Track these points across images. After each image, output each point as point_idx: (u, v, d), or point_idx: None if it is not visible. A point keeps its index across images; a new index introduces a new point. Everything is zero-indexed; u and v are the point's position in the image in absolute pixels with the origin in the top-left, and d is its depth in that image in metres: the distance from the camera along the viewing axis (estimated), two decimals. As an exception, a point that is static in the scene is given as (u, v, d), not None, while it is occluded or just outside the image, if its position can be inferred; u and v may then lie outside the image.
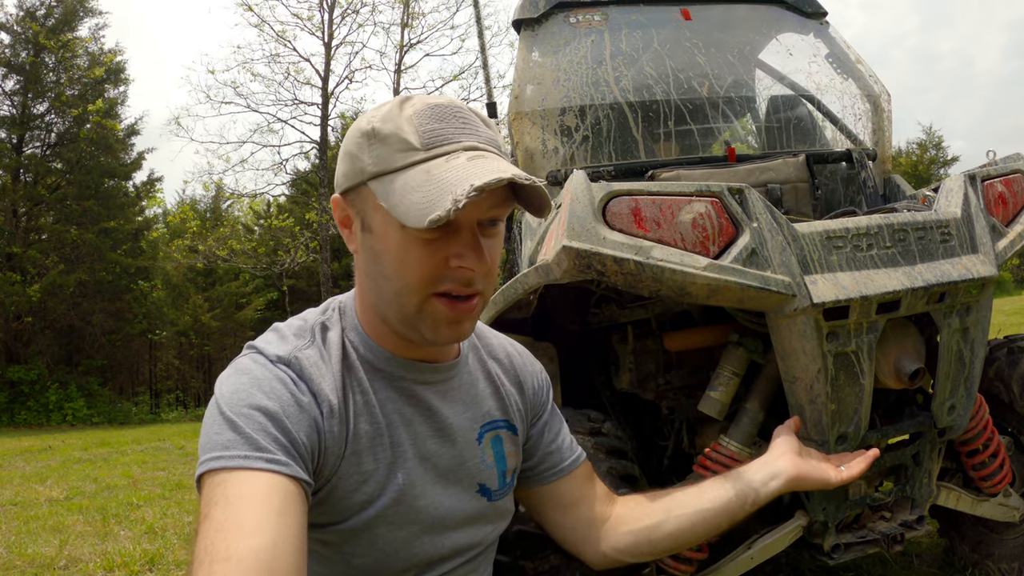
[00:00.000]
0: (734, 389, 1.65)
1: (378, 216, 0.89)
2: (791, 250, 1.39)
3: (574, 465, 1.18)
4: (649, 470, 2.03)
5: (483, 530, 1.06)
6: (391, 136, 0.87)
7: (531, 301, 1.71)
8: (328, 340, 0.97)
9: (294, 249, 17.31)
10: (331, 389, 0.92)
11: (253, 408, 0.84)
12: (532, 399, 1.16)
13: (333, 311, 1.02)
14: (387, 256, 0.89)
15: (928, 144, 34.94)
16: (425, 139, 0.86)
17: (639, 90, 2.22)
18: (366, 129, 0.90)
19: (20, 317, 17.23)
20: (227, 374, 0.91)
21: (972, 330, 1.61)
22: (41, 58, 18.39)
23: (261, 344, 0.95)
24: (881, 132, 2.40)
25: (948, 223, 1.58)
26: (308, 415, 0.88)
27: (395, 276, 0.89)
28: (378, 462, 0.95)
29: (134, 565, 3.06)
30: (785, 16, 2.61)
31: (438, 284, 0.89)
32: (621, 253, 1.29)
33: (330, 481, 0.91)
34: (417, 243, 0.87)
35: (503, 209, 0.90)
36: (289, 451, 0.83)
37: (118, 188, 20.52)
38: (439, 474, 1.00)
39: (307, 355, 0.93)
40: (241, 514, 0.75)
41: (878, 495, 1.71)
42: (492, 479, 1.06)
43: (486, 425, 1.07)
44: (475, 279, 0.89)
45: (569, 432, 1.23)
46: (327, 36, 17.20)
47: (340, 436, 0.91)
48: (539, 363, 1.23)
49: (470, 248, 0.88)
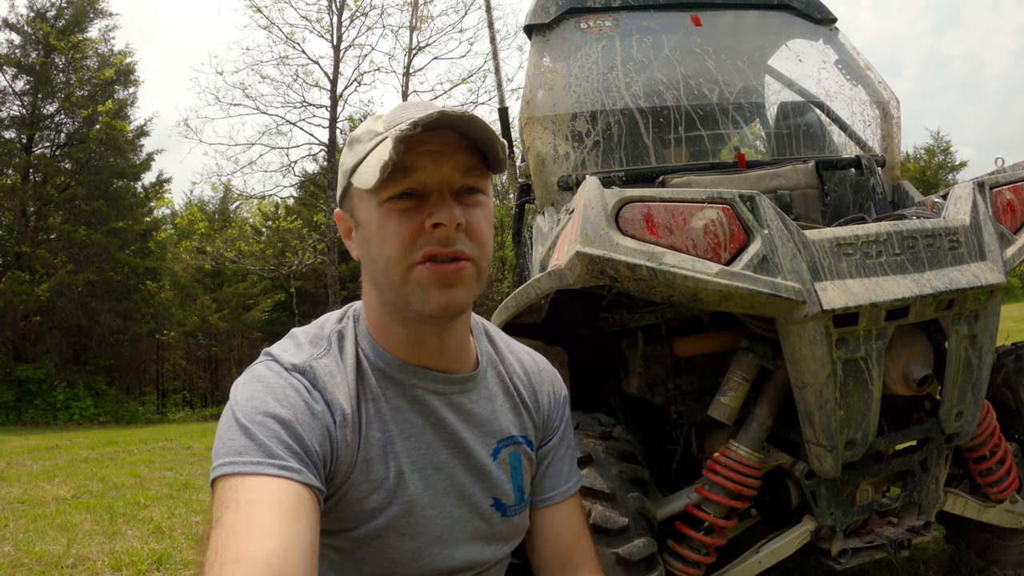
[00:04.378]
0: (744, 394, 1.66)
1: (361, 206, 0.94)
2: (801, 257, 1.40)
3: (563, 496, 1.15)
4: (657, 474, 2.04)
5: (495, 547, 1.06)
6: (364, 133, 0.95)
7: (543, 306, 1.72)
8: (344, 348, 0.98)
9: (302, 251, 17.35)
10: (345, 398, 0.93)
11: (267, 415, 0.85)
12: (546, 420, 1.15)
13: (349, 319, 1.04)
14: (372, 238, 0.93)
15: (936, 149, 34.83)
16: (389, 122, 0.93)
17: (650, 96, 2.23)
18: (348, 140, 0.97)
19: (28, 316, 17.32)
20: (242, 381, 0.93)
21: (980, 337, 1.62)
22: (51, 59, 18.49)
23: (277, 351, 0.96)
24: (890, 138, 2.40)
25: (957, 230, 1.59)
26: (321, 423, 0.89)
27: (380, 253, 0.92)
28: (388, 471, 0.95)
29: (142, 564, 3.07)
30: (795, 22, 2.62)
31: (418, 249, 0.90)
32: (634, 259, 1.31)
33: (341, 488, 0.92)
34: (393, 215, 0.90)
35: (476, 177, 0.93)
36: (302, 458, 0.84)
37: (127, 189, 20.61)
38: (451, 485, 1.01)
39: (322, 364, 0.94)
40: (253, 518, 0.76)
41: (885, 500, 1.72)
42: (507, 494, 1.06)
43: (503, 441, 1.07)
44: (454, 238, 0.90)
45: (573, 464, 1.20)
46: (336, 38, 17.26)
47: (352, 444, 0.92)
48: (560, 383, 1.21)
49: (441, 208, 0.89)
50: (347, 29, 17.48)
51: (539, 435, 1.14)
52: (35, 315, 17.34)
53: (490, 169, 0.94)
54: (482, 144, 0.91)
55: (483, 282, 0.96)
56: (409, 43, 17.90)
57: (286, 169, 17.79)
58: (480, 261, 0.94)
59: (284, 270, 17.75)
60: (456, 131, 0.89)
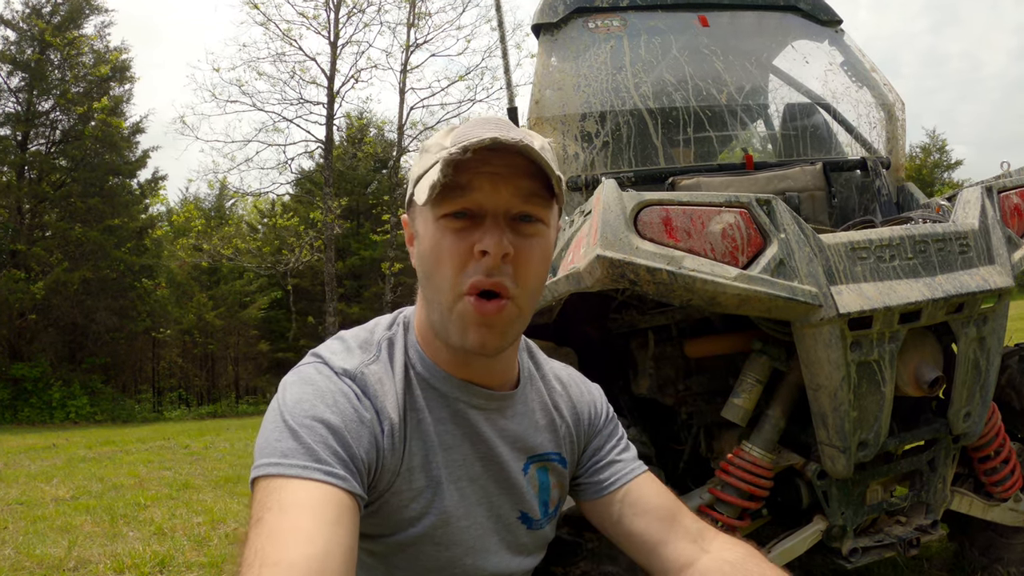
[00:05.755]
0: (757, 396, 1.67)
1: (420, 218, 0.93)
2: (817, 261, 1.42)
3: (628, 477, 1.11)
4: (665, 475, 2.05)
5: (520, 559, 1.07)
6: (433, 144, 0.93)
7: (555, 308, 1.73)
8: (393, 356, 0.98)
9: (298, 248, 17.31)
10: (393, 407, 0.93)
11: (316, 420, 0.85)
12: (588, 428, 1.14)
13: (398, 325, 1.03)
14: (427, 253, 0.91)
15: (932, 148, 34.94)
16: (456, 138, 0.90)
17: (658, 96, 2.24)
18: (421, 147, 0.96)
19: (24, 314, 17.25)
20: (291, 381, 0.92)
21: (988, 339, 1.64)
22: (47, 55, 18.41)
23: (326, 354, 0.95)
24: (895, 140, 2.42)
25: (966, 234, 1.61)
26: (369, 431, 0.88)
27: (434, 270, 0.90)
28: (429, 480, 0.95)
29: (144, 567, 3.04)
30: (800, 24, 2.63)
31: (467, 275, 0.88)
32: (654, 263, 1.32)
33: (383, 496, 0.92)
34: (447, 233, 0.88)
35: (535, 205, 0.90)
36: (348, 465, 0.84)
37: (123, 186, 20.53)
38: (483, 497, 1.01)
39: (372, 371, 0.94)
40: (295, 522, 0.76)
41: (894, 500, 1.74)
42: (534, 508, 1.06)
43: (533, 457, 1.06)
44: (498, 269, 0.87)
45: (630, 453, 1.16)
46: (333, 35, 17.22)
47: (398, 453, 0.92)
48: (596, 389, 1.20)
49: (491, 235, 0.87)
50: (344, 26, 17.43)
51: (581, 445, 1.14)
52: (31, 313, 17.27)
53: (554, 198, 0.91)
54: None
55: (525, 321, 0.94)
56: (407, 40, 17.90)
57: (283, 166, 17.78)
58: (521, 300, 0.91)
59: (281, 267, 17.72)
60: (522, 155, 0.86)
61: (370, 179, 24.12)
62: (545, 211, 0.91)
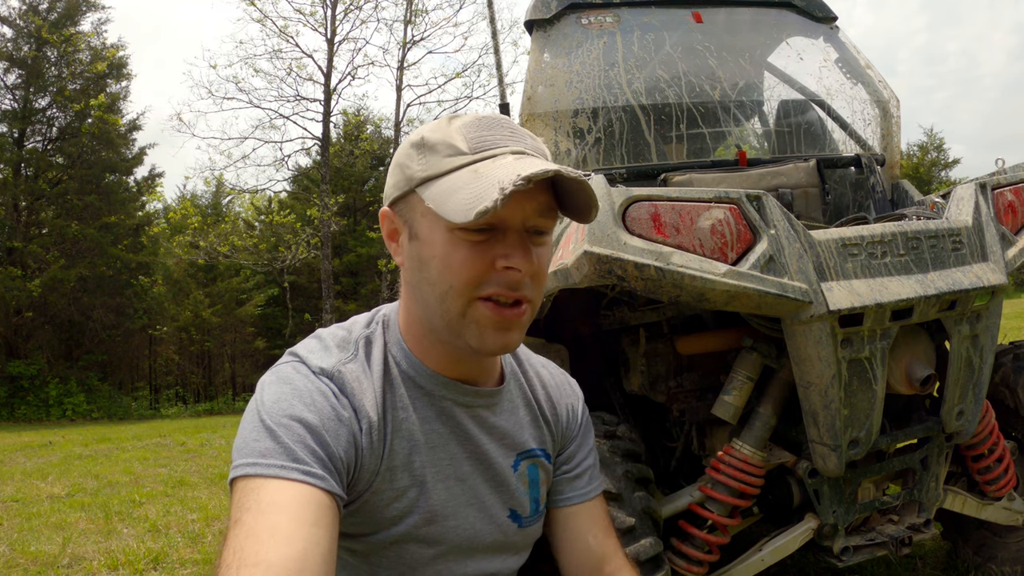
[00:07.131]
0: (748, 393, 1.66)
1: (425, 221, 0.90)
2: (808, 257, 1.41)
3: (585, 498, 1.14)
4: (656, 472, 2.04)
5: (507, 558, 1.06)
6: (440, 143, 0.89)
7: (545, 304, 1.72)
8: (371, 355, 0.97)
9: (295, 245, 17.32)
10: (371, 405, 0.92)
11: (293, 419, 0.84)
12: (564, 431, 1.15)
13: (377, 324, 1.02)
14: (433, 260, 0.89)
15: (929, 146, 34.97)
16: (473, 144, 0.88)
17: (651, 92, 2.22)
18: (415, 140, 0.92)
19: (20, 312, 17.24)
20: (269, 380, 0.92)
21: (981, 337, 1.63)
22: (43, 52, 18.38)
23: (304, 352, 0.95)
24: (890, 137, 2.41)
25: (959, 231, 1.60)
26: (348, 430, 0.88)
27: (440, 280, 0.89)
28: (412, 480, 0.95)
29: (138, 564, 3.04)
30: (795, 20, 2.61)
31: (483, 287, 0.87)
32: (642, 259, 1.30)
33: (363, 495, 0.92)
34: (464, 245, 0.86)
35: (549, 218, 0.90)
36: (326, 465, 0.83)
37: (119, 183, 20.52)
38: (472, 496, 1.00)
39: (349, 369, 0.93)
40: (273, 522, 0.75)
41: (886, 498, 1.73)
42: (524, 506, 1.06)
43: (523, 454, 1.06)
44: (523, 282, 0.88)
45: (594, 469, 1.18)
46: (330, 32, 17.19)
47: (377, 452, 0.91)
48: (577, 391, 1.21)
49: (518, 249, 0.87)
50: (341, 23, 17.42)
51: (557, 446, 1.14)
52: (27, 311, 17.26)
53: (564, 212, 0.92)
54: (574, 202, 0.89)
55: (533, 318, 0.95)
56: (403, 37, 17.88)
57: (279, 163, 17.77)
58: (536, 302, 0.92)
59: (277, 264, 17.74)
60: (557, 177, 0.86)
61: (367, 176, 24.12)
62: (553, 223, 0.92)
